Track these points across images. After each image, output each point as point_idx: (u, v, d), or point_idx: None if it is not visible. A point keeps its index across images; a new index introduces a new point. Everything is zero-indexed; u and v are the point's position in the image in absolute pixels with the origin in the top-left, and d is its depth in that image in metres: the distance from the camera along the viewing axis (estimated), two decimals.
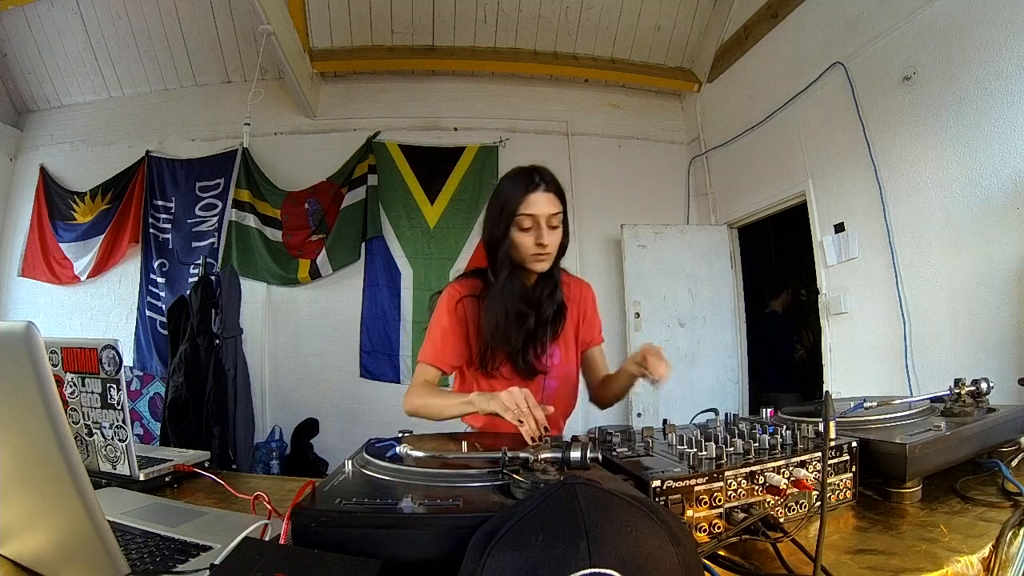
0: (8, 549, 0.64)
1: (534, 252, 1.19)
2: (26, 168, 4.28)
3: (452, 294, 1.28)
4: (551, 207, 1.18)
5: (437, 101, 4.23)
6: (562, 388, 1.34)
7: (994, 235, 2.14)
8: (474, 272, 1.31)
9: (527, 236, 1.19)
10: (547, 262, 1.21)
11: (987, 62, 2.15)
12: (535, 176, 1.19)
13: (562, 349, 1.33)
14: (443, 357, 1.25)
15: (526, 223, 1.18)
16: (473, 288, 1.28)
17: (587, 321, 1.38)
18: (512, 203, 1.19)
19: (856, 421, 0.96)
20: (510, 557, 0.45)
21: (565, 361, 1.34)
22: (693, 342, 3.77)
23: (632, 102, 4.41)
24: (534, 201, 1.17)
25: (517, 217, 1.18)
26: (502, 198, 1.20)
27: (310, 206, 4.02)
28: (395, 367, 3.92)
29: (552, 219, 1.18)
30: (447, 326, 1.25)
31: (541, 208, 1.17)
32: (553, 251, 1.21)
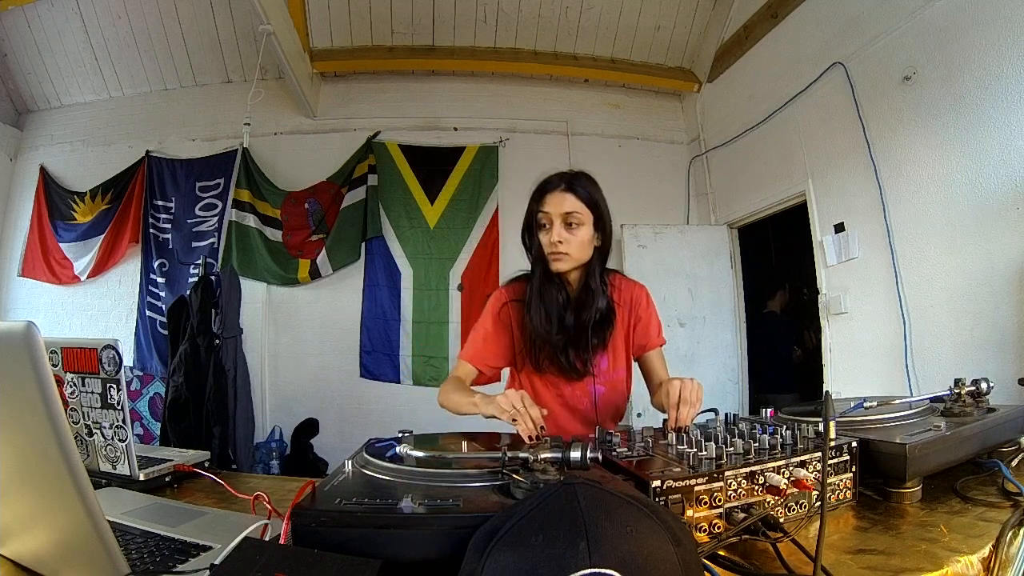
0: (8, 549, 0.64)
1: (549, 251, 1.19)
2: (26, 168, 4.28)
3: (499, 297, 1.31)
4: (567, 205, 1.17)
5: (437, 101, 4.23)
6: (609, 394, 1.33)
7: (994, 235, 2.14)
8: (523, 276, 1.32)
9: (544, 235, 1.21)
10: (564, 262, 1.20)
11: (987, 62, 2.15)
12: (557, 176, 1.21)
13: (610, 356, 1.31)
14: (480, 357, 1.28)
15: (542, 221, 1.20)
16: (519, 293, 1.29)
17: (640, 325, 1.34)
18: (532, 202, 1.23)
19: (856, 421, 0.96)
20: (510, 557, 0.45)
21: (613, 368, 1.32)
22: (693, 342, 3.77)
23: (632, 102, 4.41)
24: (548, 199, 1.19)
25: (536, 216, 1.21)
26: (530, 198, 1.24)
27: (310, 206, 4.02)
28: (395, 367, 3.92)
29: (568, 217, 1.17)
30: (489, 329, 1.29)
31: (554, 207, 1.18)
32: (571, 251, 1.19)
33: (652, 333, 1.35)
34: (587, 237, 1.21)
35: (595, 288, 1.24)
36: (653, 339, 1.35)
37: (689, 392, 0.98)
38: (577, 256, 1.21)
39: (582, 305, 1.24)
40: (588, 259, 1.24)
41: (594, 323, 1.24)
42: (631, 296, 1.34)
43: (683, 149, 4.38)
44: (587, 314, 1.23)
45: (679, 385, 0.99)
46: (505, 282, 1.36)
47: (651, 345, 1.35)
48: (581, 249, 1.21)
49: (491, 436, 1.03)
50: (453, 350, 3.91)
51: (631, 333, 1.34)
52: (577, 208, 1.18)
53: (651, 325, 1.35)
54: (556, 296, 1.23)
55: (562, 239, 1.18)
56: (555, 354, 1.25)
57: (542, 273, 1.23)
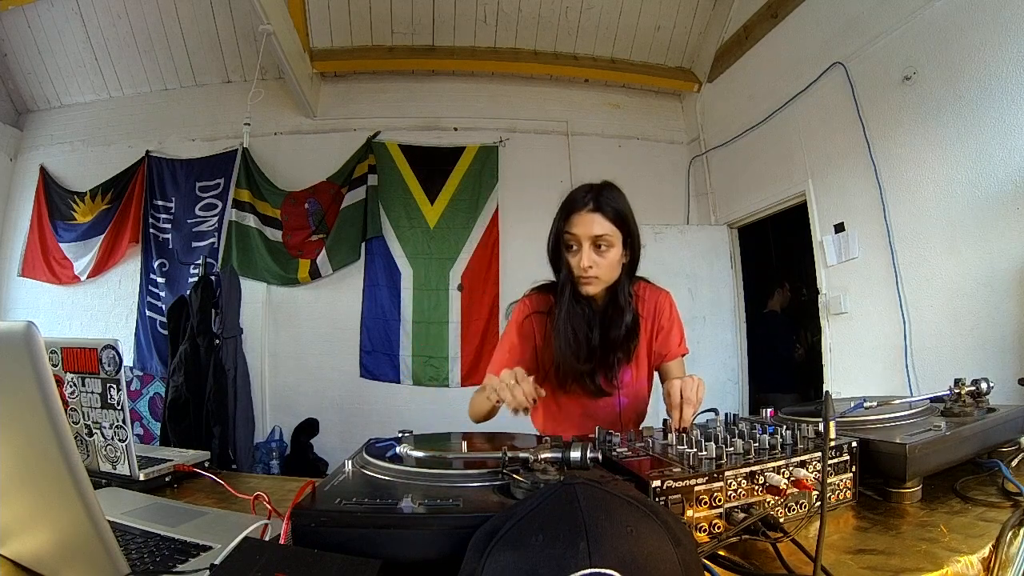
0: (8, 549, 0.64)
1: (578, 275, 1.16)
2: (26, 168, 4.28)
3: (523, 309, 1.29)
4: (596, 228, 1.13)
5: (437, 101, 4.23)
6: (632, 403, 1.32)
7: (994, 235, 2.14)
8: (548, 286, 1.29)
9: (572, 257, 1.17)
10: (594, 286, 1.17)
11: (987, 62, 2.15)
12: (584, 194, 1.16)
13: (634, 368, 1.30)
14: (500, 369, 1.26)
15: (570, 242, 1.17)
16: (543, 304, 1.27)
17: (662, 334, 1.31)
18: (559, 221, 1.18)
19: (856, 421, 0.95)
20: (510, 557, 0.45)
21: (636, 379, 1.31)
22: (693, 342, 3.70)
23: (632, 102, 4.42)
24: (577, 221, 1.14)
25: (563, 236, 1.17)
26: (557, 216, 1.19)
27: (310, 206, 4.02)
28: (395, 367, 3.92)
29: (597, 240, 1.14)
30: (514, 341, 1.27)
31: (583, 229, 1.13)
32: (600, 274, 1.16)
33: (673, 343, 1.32)
34: (616, 257, 1.18)
35: (623, 305, 1.22)
36: (674, 349, 1.32)
37: (690, 391, 0.97)
38: (607, 278, 1.18)
39: (610, 323, 1.21)
40: (617, 277, 1.21)
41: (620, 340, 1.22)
42: (655, 305, 1.32)
43: (683, 149, 4.38)
44: (616, 332, 1.21)
45: (680, 385, 0.98)
46: (529, 291, 1.33)
47: (672, 355, 1.32)
48: (611, 271, 1.18)
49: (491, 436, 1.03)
50: (453, 350, 3.92)
51: (652, 342, 1.32)
52: (607, 231, 1.14)
53: (672, 334, 1.32)
54: (582, 316, 1.20)
55: (592, 263, 1.14)
56: (580, 375, 1.23)
57: (572, 296, 1.19)
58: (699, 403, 0.98)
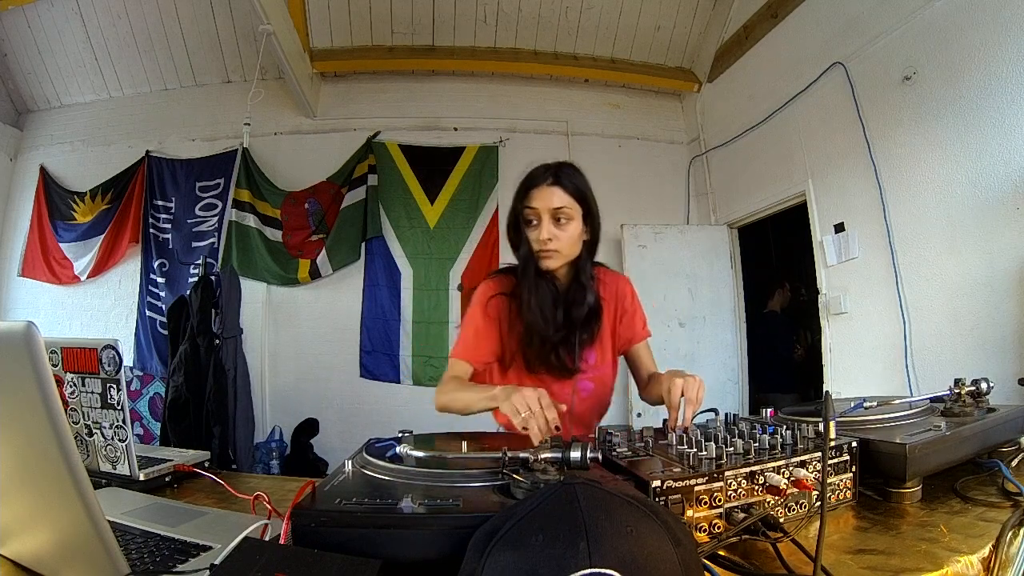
0: (8, 549, 0.64)
1: (538, 248, 1.16)
2: (26, 168, 4.28)
3: (485, 291, 1.27)
4: (555, 200, 1.14)
5: (437, 101, 4.23)
6: (597, 389, 1.31)
7: (994, 235, 2.14)
8: (508, 269, 1.30)
9: (531, 231, 1.18)
10: (554, 259, 1.17)
11: (987, 62, 2.15)
12: (542, 170, 1.17)
13: (598, 351, 1.30)
14: (475, 354, 1.24)
15: (529, 216, 1.17)
16: (505, 286, 1.26)
17: (626, 318, 1.32)
18: (517, 197, 1.19)
19: (856, 421, 0.96)
20: (510, 557, 0.45)
21: (601, 363, 1.31)
22: (693, 342, 3.77)
23: (632, 102, 4.41)
24: (536, 194, 1.16)
25: (523, 211, 1.18)
26: (516, 193, 1.20)
27: (310, 206, 4.02)
28: (395, 367, 3.92)
29: (557, 213, 1.14)
30: (479, 324, 1.24)
31: (543, 201, 1.14)
32: (560, 247, 1.16)
33: (638, 326, 1.33)
34: (577, 232, 1.18)
35: (585, 283, 1.22)
36: (639, 332, 1.34)
37: (691, 391, 0.97)
38: (567, 252, 1.18)
39: (572, 301, 1.21)
40: (578, 254, 1.21)
41: (583, 319, 1.22)
42: (616, 289, 1.33)
43: (683, 149, 4.38)
44: (577, 311, 1.21)
45: (681, 384, 0.98)
46: (490, 275, 1.32)
47: (637, 338, 1.33)
48: (571, 245, 1.18)
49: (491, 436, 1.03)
50: None
51: (617, 326, 1.32)
52: (566, 203, 1.15)
53: (636, 318, 1.34)
54: (546, 293, 1.20)
55: (552, 236, 1.15)
56: (544, 353, 1.22)
57: (529, 270, 1.19)
58: (699, 403, 0.98)
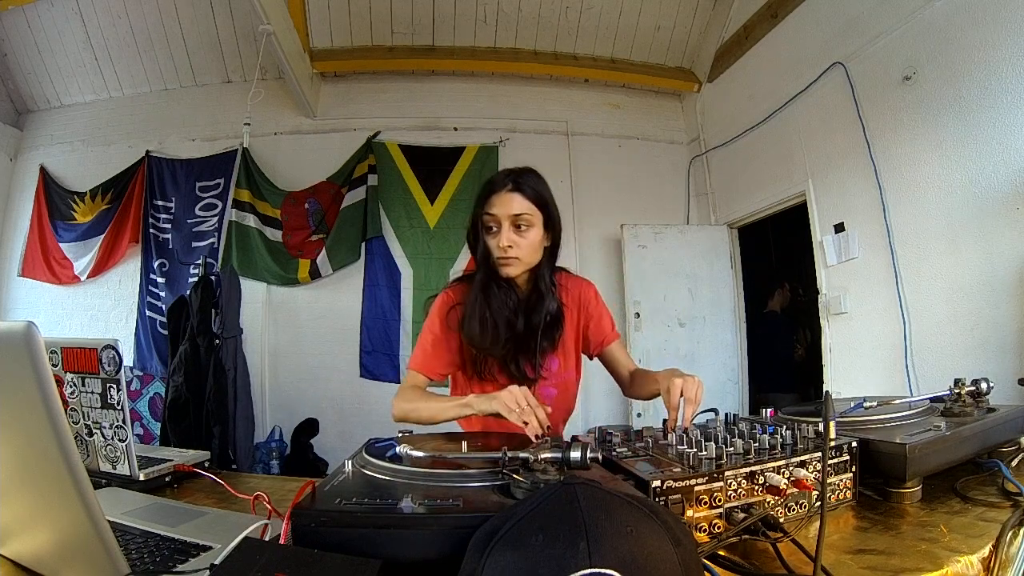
0: (8, 549, 0.64)
1: (497, 255, 1.15)
2: (26, 168, 4.28)
3: (446, 300, 1.25)
4: (514, 207, 1.12)
5: (437, 101, 4.23)
6: (561, 395, 1.31)
7: (994, 235, 2.14)
8: (468, 277, 1.27)
9: (491, 238, 1.15)
10: (514, 267, 1.15)
11: (987, 62, 2.15)
12: (503, 177, 1.16)
13: (561, 357, 1.29)
14: (432, 366, 1.23)
15: (489, 223, 1.15)
16: (466, 294, 1.24)
17: (593, 322, 1.31)
18: (477, 203, 1.17)
19: (856, 421, 0.96)
20: (510, 557, 0.45)
21: (564, 368, 1.30)
22: (693, 342, 3.77)
23: (632, 102, 4.41)
24: (495, 201, 1.14)
25: (482, 218, 1.16)
26: (476, 200, 1.19)
27: (310, 206, 4.02)
28: (395, 367, 3.92)
29: (517, 219, 1.12)
30: (438, 334, 1.23)
31: (502, 208, 1.12)
32: (520, 255, 1.14)
33: (606, 328, 1.33)
34: (537, 239, 1.16)
35: (545, 290, 1.20)
36: (609, 334, 1.33)
37: (691, 391, 0.97)
38: (528, 260, 1.16)
39: (532, 309, 1.20)
40: (538, 261, 1.19)
41: (544, 326, 1.20)
42: (579, 295, 1.31)
43: (683, 149, 4.38)
44: (537, 317, 1.19)
45: (680, 384, 0.98)
46: (451, 282, 1.30)
47: (608, 340, 1.32)
48: (531, 252, 1.16)
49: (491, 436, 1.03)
50: None
51: (584, 331, 1.32)
52: (526, 209, 1.13)
53: (604, 321, 1.33)
54: (505, 301, 1.18)
55: (512, 243, 1.13)
56: (504, 362, 1.21)
57: (485, 278, 1.18)
58: (698, 404, 0.98)
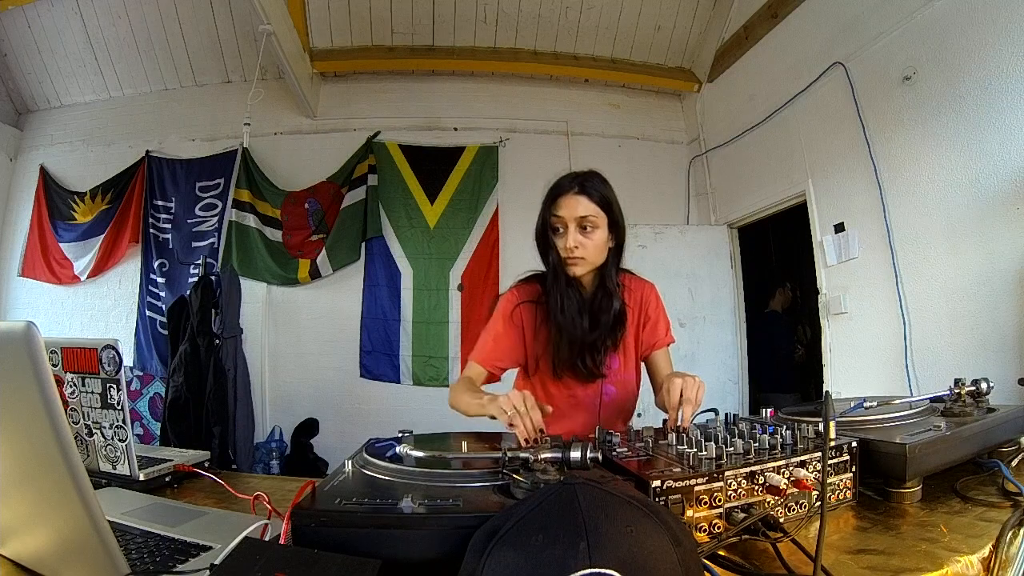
0: (8, 549, 0.64)
1: (564, 256, 1.19)
2: (26, 168, 4.28)
3: (511, 299, 1.30)
4: (581, 209, 1.17)
5: (437, 101, 4.23)
6: (620, 394, 1.34)
7: (994, 235, 2.14)
8: (534, 276, 1.32)
9: (558, 239, 1.20)
10: (580, 267, 1.20)
11: (987, 62, 2.15)
12: (570, 180, 1.20)
13: (621, 356, 1.32)
14: (490, 359, 1.27)
15: (556, 224, 1.20)
16: (532, 294, 1.29)
17: (650, 324, 1.34)
18: (545, 206, 1.22)
19: (856, 421, 0.96)
20: (510, 557, 0.45)
21: (624, 369, 1.33)
22: (693, 342, 3.77)
23: (632, 102, 4.41)
24: (563, 203, 1.19)
25: (550, 219, 1.21)
26: (544, 202, 1.23)
27: (310, 206, 4.02)
28: (395, 367, 3.92)
29: (583, 221, 1.17)
30: (500, 331, 1.28)
31: (569, 210, 1.17)
32: (587, 255, 1.19)
33: (661, 332, 1.35)
34: (602, 240, 1.21)
35: (611, 290, 1.24)
36: (662, 338, 1.35)
37: (691, 391, 0.98)
38: (593, 260, 1.21)
39: (599, 308, 1.24)
40: (604, 261, 1.24)
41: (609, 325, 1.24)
42: (641, 296, 1.35)
43: (683, 149, 4.38)
44: (605, 317, 1.23)
45: (680, 384, 0.98)
46: (517, 282, 1.34)
47: (660, 344, 1.35)
48: (597, 252, 1.21)
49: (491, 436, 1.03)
50: (453, 350, 3.91)
51: (640, 332, 1.34)
52: (591, 211, 1.18)
53: (660, 324, 1.36)
54: (572, 300, 1.22)
55: (578, 244, 1.18)
56: (573, 357, 1.24)
57: (563, 280, 1.22)
58: (698, 404, 0.99)
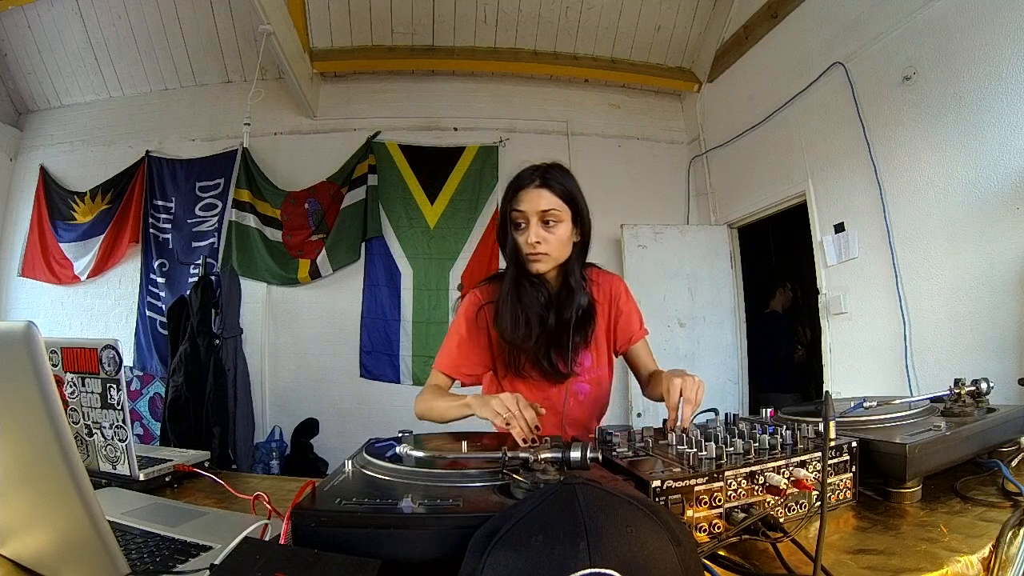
0: (8, 549, 0.64)
1: (526, 251, 1.15)
2: (26, 168, 4.28)
3: (473, 301, 1.25)
4: (543, 203, 1.12)
5: (437, 101, 4.23)
6: (594, 391, 1.30)
7: (994, 235, 2.14)
8: (497, 276, 1.27)
9: (520, 234, 1.15)
10: (543, 263, 1.15)
11: (987, 62, 2.15)
12: (531, 172, 1.15)
13: (593, 353, 1.29)
14: (457, 366, 1.23)
15: (518, 219, 1.15)
16: (495, 294, 1.23)
17: (623, 318, 1.31)
18: (505, 199, 1.17)
19: (856, 421, 0.96)
20: (510, 557, 0.45)
21: (597, 365, 1.30)
22: (693, 342, 3.77)
23: (632, 102, 4.41)
24: (524, 197, 1.14)
25: (510, 214, 1.16)
26: (504, 196, 1.19)
27: (310, 206, 4.02)
28: (395, 367, 3.92)
29: (545, 215, 1.12)
30: (464, 334, 1.23)
31: (530, 205, 1.12)
32: (549, 251, 1.14)
33: (635, 325, 1.32)
34: (566, 234, 1.16)
35: (575, 286, 1.20)
36: (637, 331, 1.33)
37: (691, 391, 0.97)
38: (557, 255, 1.17)
39: (563, 304, 1.20)
40: (568, 256, 1.19)
41: (576, 321, 1.20)
42: (610, 290, 1.31)
43: (683, 149, 4.38)
44: (568, 313, 1.19)
45: (680, 384, 0.98)
46: (480, 283, 1.29)
47: (636, 337, 1.32)
48: (560, 248, 1.16)
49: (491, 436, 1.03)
50: None
51: (614, 327, 1.31)
52: (554, 205, 1.13)
53: (633, 317, 1.33)
54: (536, 297, 1.18)
55: (540, 239, 1.13)
56: (537, 358, 1.21)
57: (516, 275, 1.17)
58: (698, 404, 0.98)
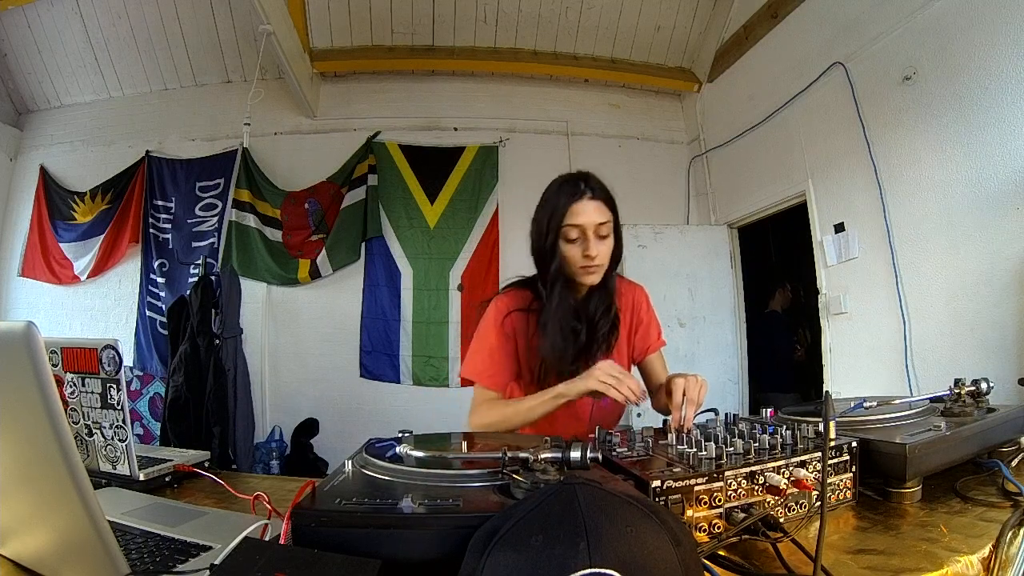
0: (8, 549, 0.64)
1: (582, 264, 1.13)
2: (26, 168, 4.28)
3: (500, 308, 1.23)
4: (599, 216, 1.12)
5: (437, 101, 4.23)
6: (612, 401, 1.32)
7: (994, 235, 2.14)
8: (522, 282, 1.26)
9: (574, 248, 1.14)
10: (597, 274, 1.15)
11: (987, 62, 2.15)
12: (581, 183, 1.14)
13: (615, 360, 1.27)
14: (496, 379, 1.22)
15: (572, 234, 1.13)
16: (521, 301, 1.23)
17: (642, 328, 1.31)
18: (558, 213, 1.13)
19: (856, 421, 0.95)
20: (510, 557, 0.45)
21: None
22: (693, 342, 3.77)
23: (632, 102, 4.42)
24: (580, 210, 1.12)
25: (563, 228, 1.13)
26: (548, 208, 1.15)
27: (310, 206, 4.02)
28: (395, 367, 3.92)
29: (600, 228, 1.12)
30: (495, 344, 1.21)
31: (588, 217, 1.12)
32: (603, 262, 1.15)
33: (653, 336, 1.33)
34: (612, 245, 1.17)
35: (611, 294, 1.21)
36: (654, 342, 1.33)
37: (693, 391, 0.97)
38: (605, 265, 1.17)
39: (595, 313, 1.20)
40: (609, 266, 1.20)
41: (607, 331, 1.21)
42: (632, 299, 1.32)
43: (683, 149, 4.38)
44: (603, 322, 1.20)
45: (682, 384, 0.98)
46: (503, 289, 1.29)
47: (653, 348, 1.32)
48: (608, 258, 1.17)
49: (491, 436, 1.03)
50: (453, 350, 3.92)
51: (632, 337, 1.31)
52: (608, 217, 1.14)
53: (652, 328, 1.33)
54: (571, 308, 1.18)
55: (595, 252, 1.12)
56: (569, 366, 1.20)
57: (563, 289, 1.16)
58: (700, 403, 0.99)
